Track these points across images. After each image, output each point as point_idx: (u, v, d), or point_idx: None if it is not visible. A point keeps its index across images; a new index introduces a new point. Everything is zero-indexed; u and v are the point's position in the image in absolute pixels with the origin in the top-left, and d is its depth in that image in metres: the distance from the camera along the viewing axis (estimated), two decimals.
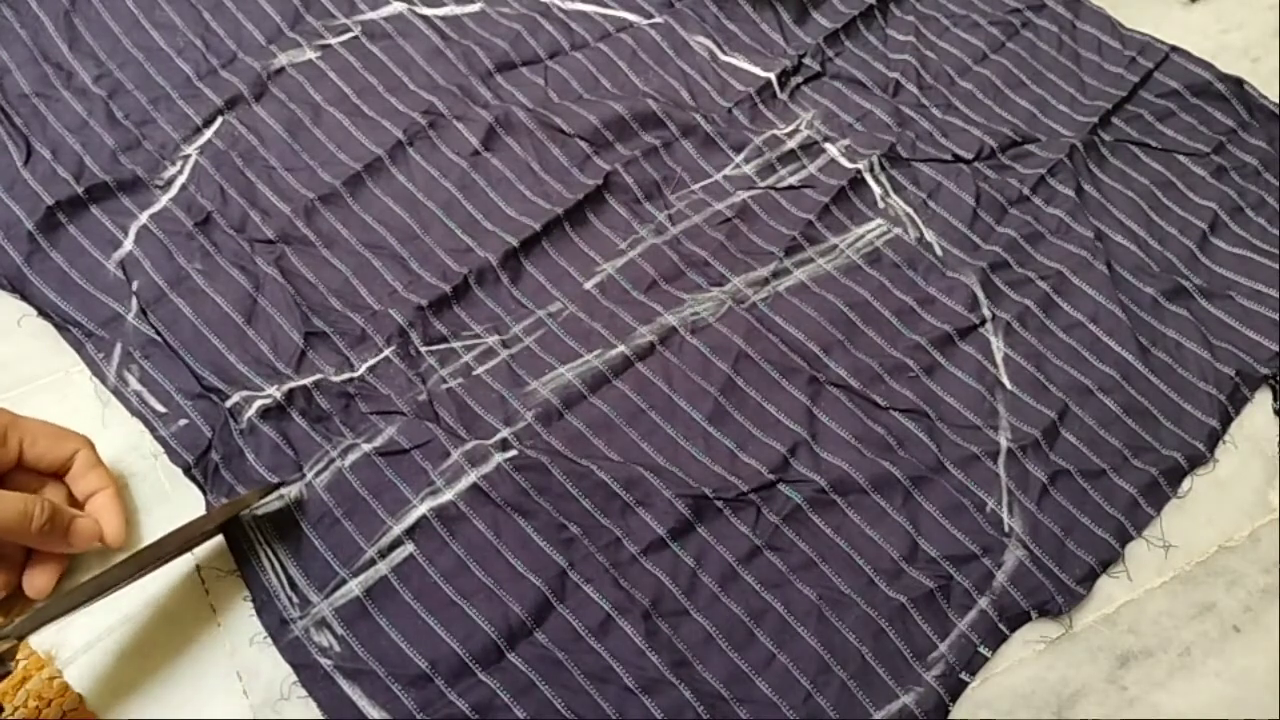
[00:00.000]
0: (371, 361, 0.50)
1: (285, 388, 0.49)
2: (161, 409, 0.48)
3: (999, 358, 0.54)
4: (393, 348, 0.50)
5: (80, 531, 0.44)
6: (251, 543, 0.46)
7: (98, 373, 0.49)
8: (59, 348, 0.50)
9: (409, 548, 0.46)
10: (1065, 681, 0.46)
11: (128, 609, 0.44)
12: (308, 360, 0.50)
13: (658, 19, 0.64)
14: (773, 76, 0.62)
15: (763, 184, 0.59)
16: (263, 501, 0.46)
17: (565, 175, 0.57)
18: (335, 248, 0.53)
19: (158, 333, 0.50)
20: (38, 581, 0.43)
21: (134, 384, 0.49)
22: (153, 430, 0.48)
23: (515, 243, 0.54)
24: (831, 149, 0.60)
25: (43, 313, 0.51)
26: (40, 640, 0.43)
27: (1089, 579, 0.48)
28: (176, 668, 0.44)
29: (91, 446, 0.46)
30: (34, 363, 0.50)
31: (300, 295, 0.51)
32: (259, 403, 0.48)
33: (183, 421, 0.48)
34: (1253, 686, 0.47)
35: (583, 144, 0.58)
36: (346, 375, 0.50)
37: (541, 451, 0.49)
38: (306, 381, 0.49)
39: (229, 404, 0.48)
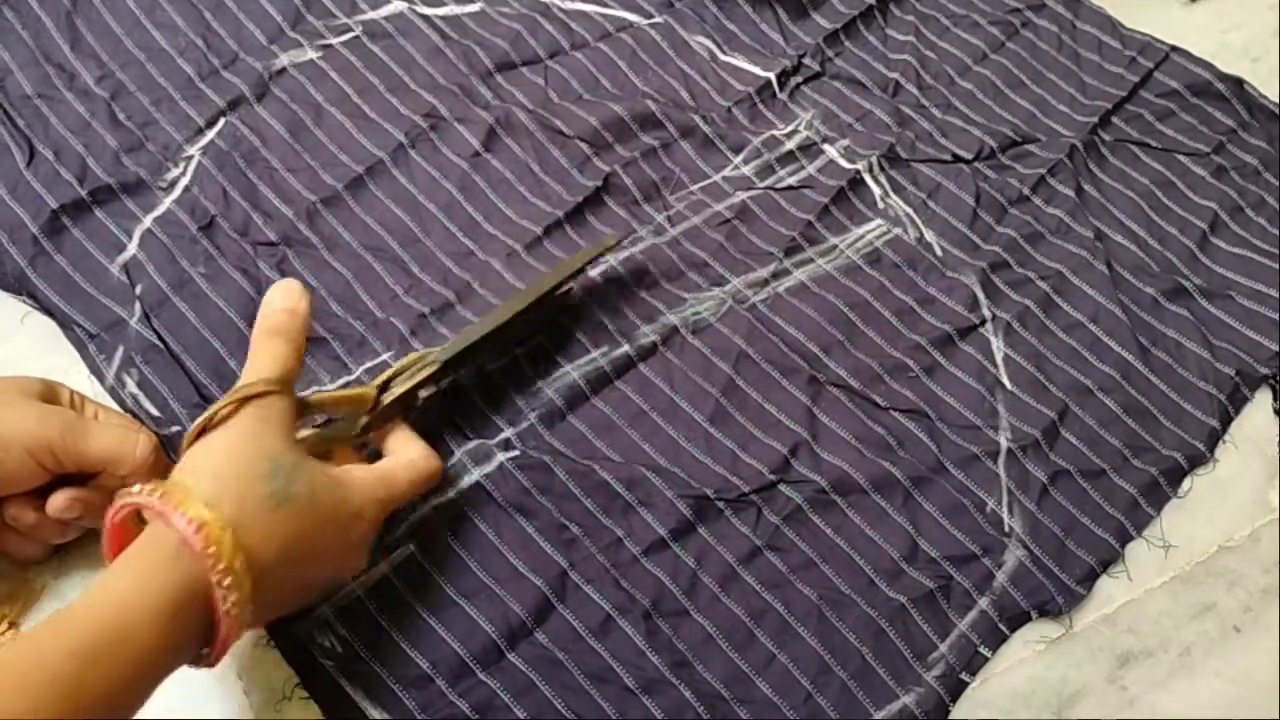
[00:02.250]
0: (369, 364, 0.50)
1: None
2: (156, 413, 0.48)
3: (999, 358, 0.54)
4: (392, 351, 0.51)
5: None
6: None
7: (96, 373, 0.49)
8: (60, 347, 0.50)
9: (410, 547, 0.46)
10: (1065, 681, 0.46)
11: None
12: (307, 366, 0.50)
13: (657, 19, 0.64)
14: (772, 76, 0.62)
15: (761, 185, 0.59)
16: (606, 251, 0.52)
17: (565, 176, 0.57)
18: (336, 250, 0.53)
19: (160, 338, 0.50)
20: None
21: (131, 386, 0.49)
22: None
23: (518, 247, 0.54)
24: (830, 150, 0.60)
25: (46, 310, 0.51)
26: None
27: (1089, 579, 0.48)
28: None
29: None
30: (35, 362, 0.50)
31: None
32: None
33: (175, 428, 0.48)
34: (1253, 686, 0.47)
35: (582, 145, 0.58)
36: (344, 379, 0.50)
37: (544, 451, 0.49)
38: (305, 394, 0.49)
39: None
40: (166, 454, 0.46)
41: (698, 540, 0.48)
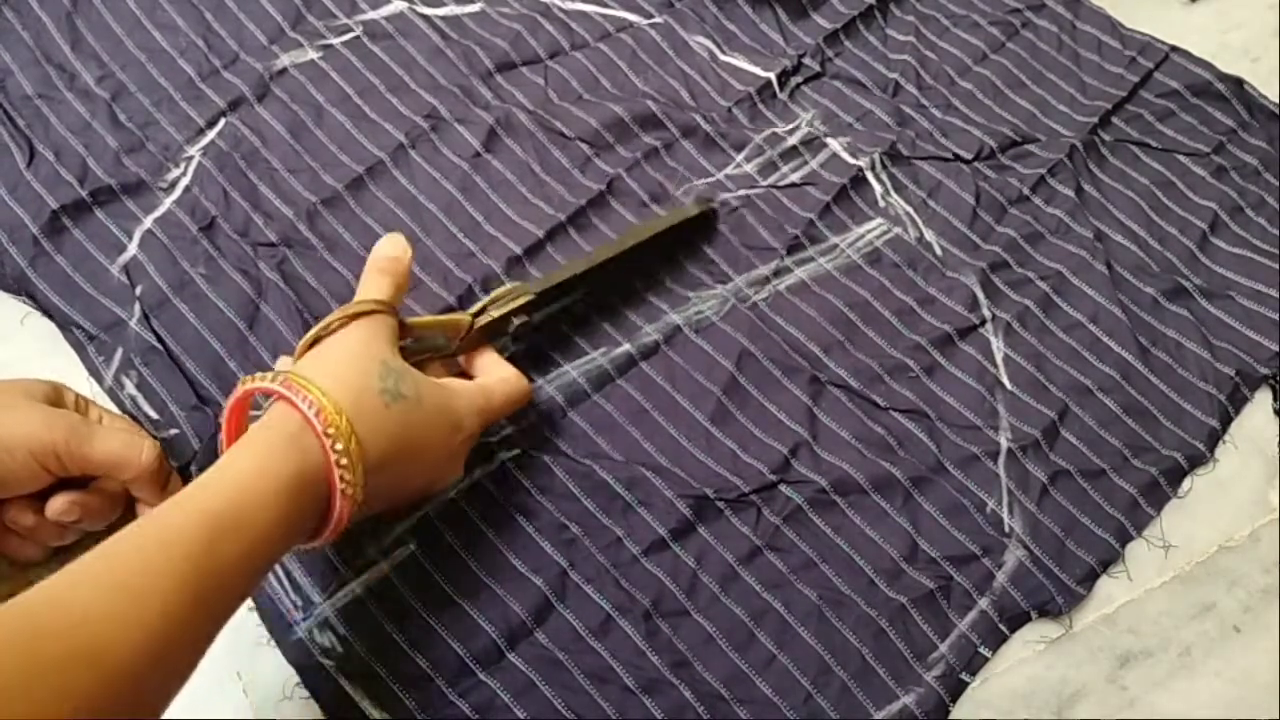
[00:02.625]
0: None
1: None
2: (155, 415, 0.48)
3: (999, 358, 0.54)
4: None
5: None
6: None
7: (95, 374, 0.49)
8: (59, 348, 0.50)
9: (410, 546, 0.46)
10: (1065, 681, 0.46)
11: None
12: None
13: (657, 19, 0.64)
14: (773, 76, 0.62)
15: (764, 182, 0.58)
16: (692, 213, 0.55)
17: (566, 177, 0.57)
18: (337, 251, 0.53)
19: (159, 339, 0.50)
20: None
21: (130, 388, 0.49)
22: None
23: (519, 250, 0.54)
24: (833, 143, 0.60)
25: (45, 311, 0.51)
26: None
27: (1089, 579, 0.48)
28: None
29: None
30: (34, 363, 0.50)
31: (302, 301, 0.51)
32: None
33: (173, 431, 0.48)
34: (1253, 686, 0.47)
35: (584, 146, 0.58)
36: None
37: (544, 450, 0.49)
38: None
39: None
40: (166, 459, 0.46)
41: (698, 540, 0.48)
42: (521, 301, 0.48)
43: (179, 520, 0.33)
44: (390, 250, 0.45)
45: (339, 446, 0.37)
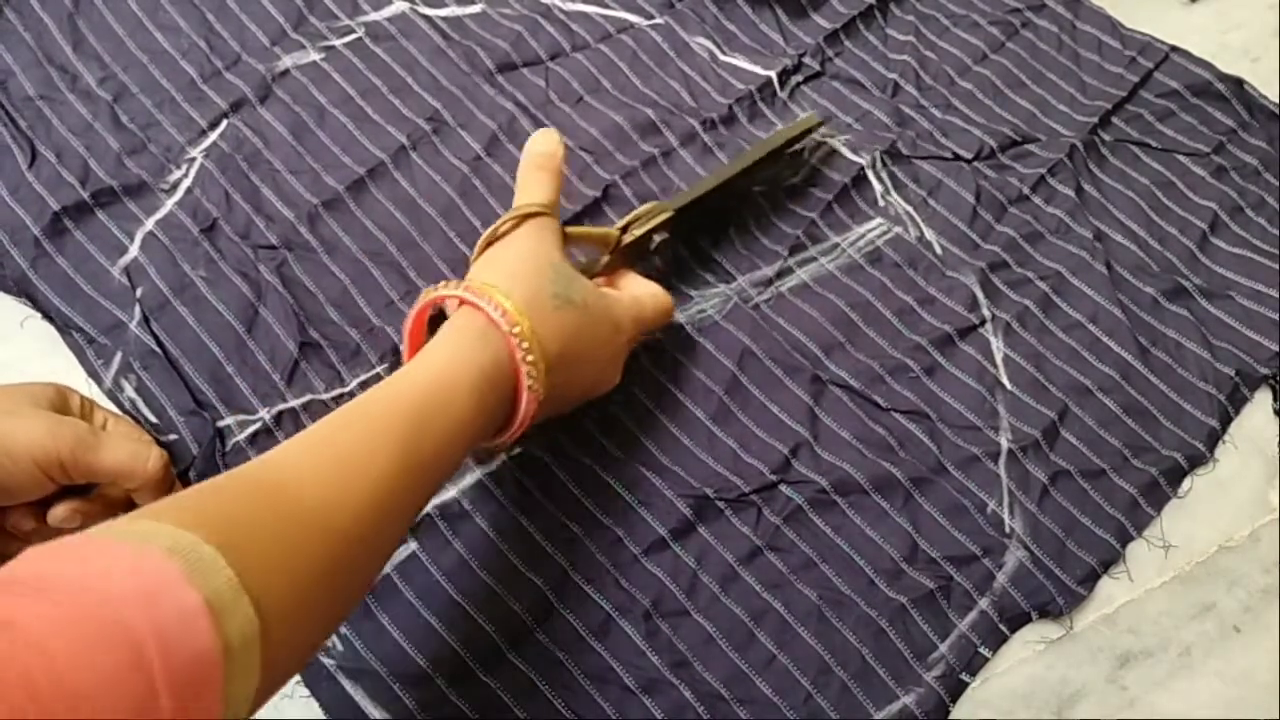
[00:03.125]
0: (363, 377, 0.50)
1: (275, 410, 0.49)
2: (153, 419, 0.48)
3: (999, 358, 0.54)
4: (385, 365, 0.51)
5: None
6: None
7: (94, 376, 0.49)
8: (59, 349, 0.51)
9: (411, 546, 0.46)
10: (1065, 681, 0.47)
11: None
12: (300, 372, 0.50)
13: (658, 20, 0.64)
14: (773, 75, 0.62)
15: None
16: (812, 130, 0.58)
17: (565, 184, 0.57)
18: (336, 255, 0.53)
19: (159, 342, 0.50)
20: None
21: (129, 391, 0.49)
22: None
23: None
24: (833, 142, 0.60)
25: (45, 314, 0.51)
26: None
27: (1090, 579, 0.48)
28: None
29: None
30: (34, 364, 0.50)
31: (299, 304, 0.51)
32: (251, 428, 0.48)
33: (171, 436, 0.48)
34: (1253, 686, 0.47)
35: (583, 154, 0.58)
36: (337, 391, 0.50)
37: (544, 450, 0.49)
38: (296, 404, 0.49)
39: (220, 424, 0.48)
40: None
41: (698, 540, 0.48)
42: (661, 219, 0.50)
43: (388, 407, 0.37)
44: (544, 146, 0.47)
45: (525, 344, 0.39)
